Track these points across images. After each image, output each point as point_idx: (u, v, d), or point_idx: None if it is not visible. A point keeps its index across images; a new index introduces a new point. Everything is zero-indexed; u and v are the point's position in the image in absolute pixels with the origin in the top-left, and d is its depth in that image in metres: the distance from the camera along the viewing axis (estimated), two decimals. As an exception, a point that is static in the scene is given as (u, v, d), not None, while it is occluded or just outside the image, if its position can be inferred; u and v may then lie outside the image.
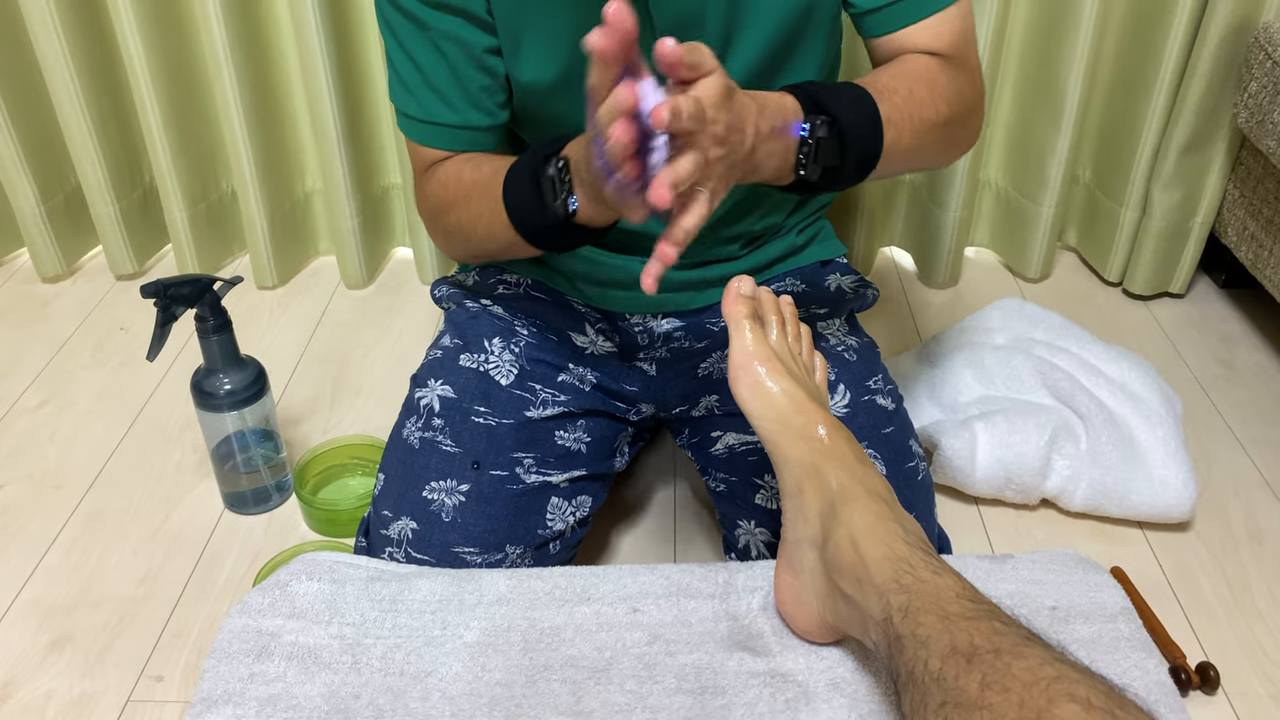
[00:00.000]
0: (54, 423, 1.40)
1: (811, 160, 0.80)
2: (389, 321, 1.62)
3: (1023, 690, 0.53)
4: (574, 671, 0.75)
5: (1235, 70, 1.42)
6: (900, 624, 0.62)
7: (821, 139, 0.79)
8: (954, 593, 0.62)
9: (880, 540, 0.68)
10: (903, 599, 0.63)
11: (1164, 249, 1.58)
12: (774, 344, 0.79)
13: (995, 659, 0.56)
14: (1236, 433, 1.35)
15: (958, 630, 0.59)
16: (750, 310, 0.79)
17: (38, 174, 1.62)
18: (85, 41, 1.52)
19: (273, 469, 1.24)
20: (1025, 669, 0.54)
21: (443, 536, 0.97)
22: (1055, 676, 0.54)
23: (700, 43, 0.69)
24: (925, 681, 0.58)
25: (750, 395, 0.76)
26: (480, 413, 1.01)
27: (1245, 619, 1.09)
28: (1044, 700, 0.52)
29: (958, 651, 0.57)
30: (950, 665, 0.57)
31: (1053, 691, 0.53)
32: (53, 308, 1.65)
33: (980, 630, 0.58)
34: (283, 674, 0.75)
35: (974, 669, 0.56)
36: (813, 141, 0.79)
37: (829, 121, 0.80)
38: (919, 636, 0.60)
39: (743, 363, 0.77)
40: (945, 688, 0.56)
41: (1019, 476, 1.19)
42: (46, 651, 1.07)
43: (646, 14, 0.89)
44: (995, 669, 0.55)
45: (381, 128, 1.64)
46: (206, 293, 1.10)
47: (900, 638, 0.61)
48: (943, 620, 0.60)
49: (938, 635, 0.59)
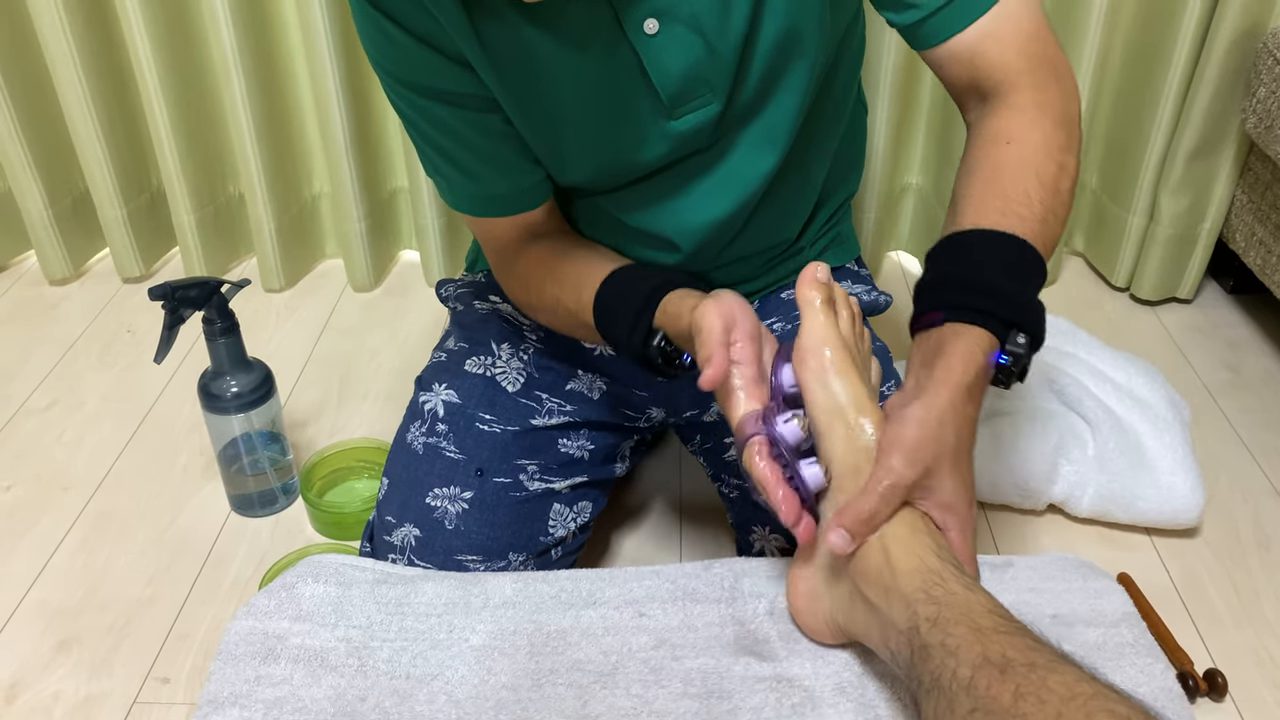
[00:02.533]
0: (61, 424, 1.40)
1: (1013, 379, 0.73)
2: (396, 324, 1.63)
3: (1059, 704, 0.53)
4: (580, 675, 0.75)
5: (1243, 76, 1.42)
6: (928, 634, 0.61)
7: (1020, 355, 0.72)
8: (986, 608, 0.61)
9: (913, 551, 0.66)
10: (932, 610, 0.62)
11: (1171, 255, 1.58)
12: (844, 333, 0.75)
13: (1030, 672, 0.55)
14: (1244, 439, 1.35)
15: (990, 642, 0.58)
16: (826, 295, 0.74)
17: (46, 177, 1.63)
18: (94, 45, 1.53)
19: (279, 471, 1.24)
20: (1061, 683, 0.54)
21: (445, 544, 0.97)
22: (1093, 694, 0.53)
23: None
24: (953, 689, 0.57)
25: (815, 382, 0.72)
26: (485, 419, 1.01)
27: (1253, 625, 1.09)
28: (1081, 715, 0.52)
29: (990, 662, 0.57)
30: (982, 675, 0.56)
31: (1090, 707, 0.52)
32: (60, 310, 1.66)
33: (1014, 645, 0.58)
34: (289, 676, 0.75)
35: (1008, 680, 0.55)
36: (1015, 369, 0.73)
37: (1030, 341, 0.72)
38: (948, 646, 0.59)
39: (813, 346, 0.72)
40: (975, 695, 0.56)
41: (1026, 482, 1.19)
42: (54, 653, 1.07)
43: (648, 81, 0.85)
44: (1030, 681, 0.54)
45: (388, 132, 1.64)
46: (214, 295, 1.10)
47: (927, 646, 0.61)
48: (974, 632, 0.59)
49: (968, 645, 0.58)
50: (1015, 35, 0.82)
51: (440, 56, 0.84)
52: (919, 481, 0.67)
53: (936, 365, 0.70)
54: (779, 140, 0.91)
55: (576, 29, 0.82)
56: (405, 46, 0.84)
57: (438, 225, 1.65)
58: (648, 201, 0.95)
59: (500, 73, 0.85)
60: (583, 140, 0.89)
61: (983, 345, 0.71)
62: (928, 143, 1.64)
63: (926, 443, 0.67)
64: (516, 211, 0.95)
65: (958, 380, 0.69)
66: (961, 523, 0.69)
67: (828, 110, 0.98)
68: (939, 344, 0.71)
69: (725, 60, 0.85)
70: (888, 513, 0.67)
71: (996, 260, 0.74)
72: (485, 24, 0.82)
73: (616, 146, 0.90)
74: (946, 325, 0.72)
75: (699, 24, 0.82)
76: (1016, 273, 0.74)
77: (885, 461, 0.67)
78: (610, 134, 0.89)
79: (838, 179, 1.08)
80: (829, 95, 0.97)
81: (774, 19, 0.84)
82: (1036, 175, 0.78)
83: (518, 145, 0.91)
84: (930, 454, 0.67)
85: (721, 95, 0.87)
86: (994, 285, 0.72)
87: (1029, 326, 0.72)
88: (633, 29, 0.82)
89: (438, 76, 0.86)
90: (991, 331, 0.71)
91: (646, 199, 0.95)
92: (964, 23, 0.83)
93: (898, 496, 0.67)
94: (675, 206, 0.95)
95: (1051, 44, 0.84)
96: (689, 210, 0.95)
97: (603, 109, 0.87)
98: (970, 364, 0.70)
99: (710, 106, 0.87)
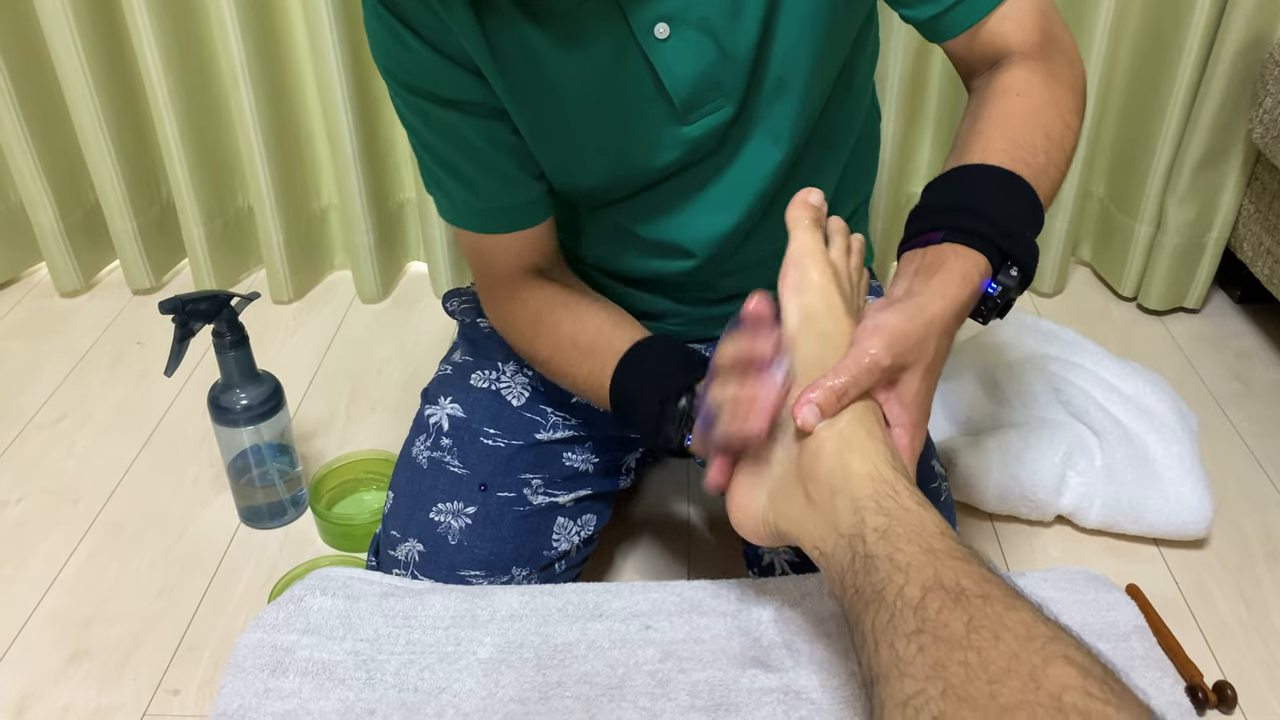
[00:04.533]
0: (72, 436, 1.41)
1: (993, 313, 0.74)
2: (404, 335, 1.63)
3: (1016, 643, 0.51)
4: (587, 688, 0.75)
5: (1250, 86, 1.42)
6: (875, 544, 0.59)
7: (1009, 288, 0.73)
8: (938, 529, 0.59)
9: (868, 457, 0.64)
10: (882, 520, 0.60)
11: (1179, 264, 1.58)
12: (834, 256, 0.74)
13: (985, 604, 0.53)
14: (1253, 449, 1.34)
15: (942, 566, 0.56)
16: (815, 216, 0.73)
17: (57, 190, 1.64)
18: (105, 59, 1.54)
19: (288, 483, 1.24)
20: (1019, 622, 0.52)
21: (449, 559, 0.97)
22: (1051, 636, 0.51)
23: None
24: (898, 605, 0.55)
25: (793, 288, 0.71)
26: (489, 434, 1.01)
27: (1262, 637, 1.09)
28: (1039, 658, 0.50)
29: (942, 587, 0.55)
30: (933, 598, 0.54)
31: (1049, 650, 0.50)
32: (71, 322, 1.67)
33: (968, 572, 0.55)
34: (298, 690, 0.75)
35: (960, 608, 0.53)
36: (1000, 300, 0.73)
37: (1021, 279, 0.73)
38: (896, 561, 0.57)
39: (794, 260, 0.72)
40: (924, 617, 0.54)
41: (1033, 493, 1.19)
42: (64, 665, 1.08)
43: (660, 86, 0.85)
44: (985, 614, 0.52)
45: (396, 144, 1.65)
46: (224, 309, 1.11)
47: (872, 557, 0.58)
48: (927, 553, 0.57)
49: (920, 566, 0.56)
50: (1030, 14, 0.84)
51: (450, 63, 0.84)
52: (891, 371, 0.67)
53: (935, 277, 0.70)
54: (786, 136, 0.91)
55: (586, 35, 0.82)
56: (416, 52, 0.84)
57: (445, 237, 1.65)
58: (658, 209, 0.95)
59: (510, 80, 0.85)
60: (594, 148, 0.89)
61: (979, 268, 0.71)
62: (934, 151, 1.64)
63: (910, 337, 0.67)
64: (515, 228, 0.93)
65: (954, 294, 0.69)
66: (913, 425, 0.69)
67: (842, 112, 0.98)
68: (936, 260, 0.71)
69: (738, 63, 0.85)
70: (857, 393, 0.66)
71: (1000, 194, 0.74)
72: (496, 31, 0.82)
73: (628, 153, 0.90)
74: (945, 244, 0.72)
75: (710, 27, 0.82)
76: (1018, 210, 0.74)
77: (864, 342, 0.67)
78: (621, 141, 0.89)
79: (852, 183, 1.07)
80: (843, 96, 0.97)
81: (787, 19, 0.84)
82: (1044, 129, 0.79)
83: (521, 157, 0.91)
84: (910, 349, 0.67)
85: (734, 99, 0.87)
86: (995, 215, 0.73)
87: (1022, 262, 0.73)
88: (643, 34, 0.82)
89: (446, 83, 0.86)
90: (988, 258, 0.72)
91: (657, 206, 0.95)
92: (984, 10, 0.84)
93: (871, 378, 0.66)
94: (687, 212, 0.95)
95: (1060, 23, 0.86)
96: (700, 215, 0.95)
97: (614, 116, 0.87)
98: (966, 284, 0.70)
99: (723, 110, 0.87)
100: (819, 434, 0.66)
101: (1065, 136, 0.80)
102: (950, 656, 0.51)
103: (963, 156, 0.78)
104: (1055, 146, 0.79)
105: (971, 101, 0.86)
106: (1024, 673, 0.49)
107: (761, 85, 0.87)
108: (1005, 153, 0.77)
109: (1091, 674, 0.49)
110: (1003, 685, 0.49)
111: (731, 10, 0.82)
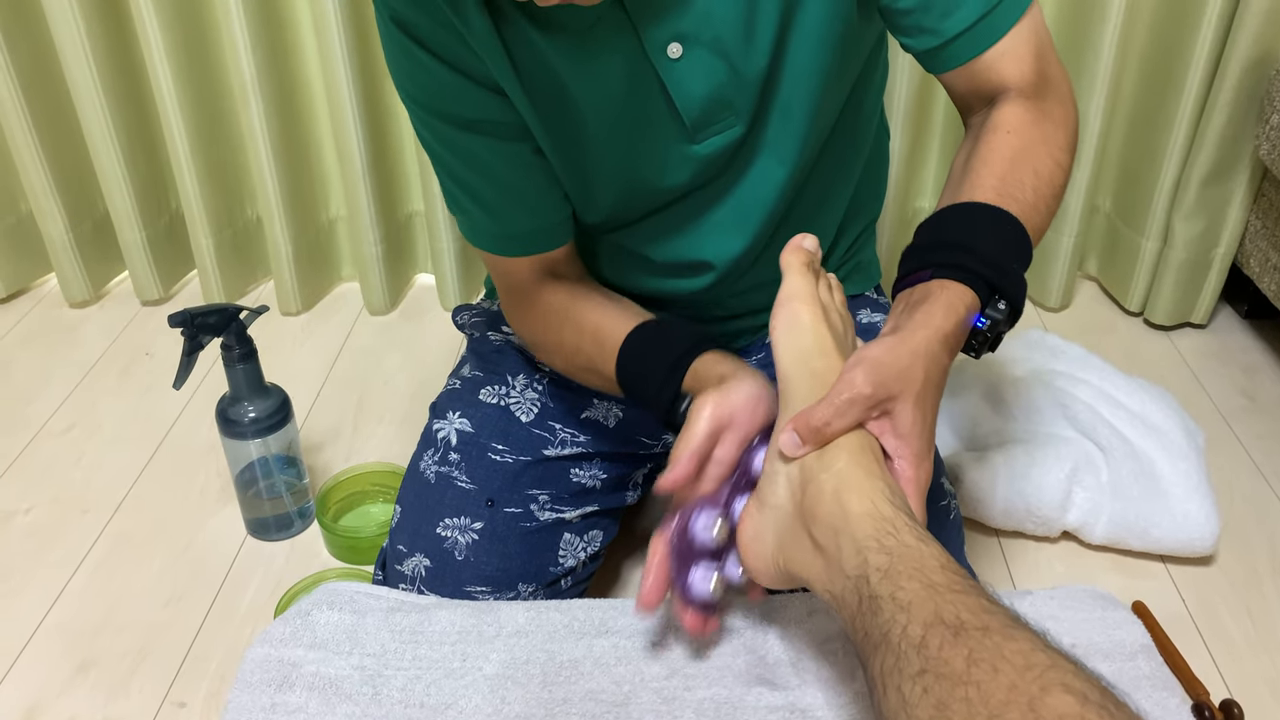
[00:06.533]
0: (80, 447, 1.42)
1: (984, 347, 0.75)
2: (411, 347, 1.64)
3: (1014, 674, 0.51)
4: (593, 705, 0.75)
5: (1257, 102, 1.42)
6: (878, 584, 0.59)
7: (998, 321, 0.74)
8: (939, 563, 0.59)
9: (866, 495, 0.65)
10: (883, 559, 0.60)
11: (1185, 279, 1.58)
12: (821, 296, 0.76)
13: (984, 636, 0.53)
14: (1260, 465, 1.34)
15: (943, 600, 0.56)
16: (807, 260, 0.76)
17: (67, 201, 1.65)
18: (115, 71, 1.55)
19: (295, 495, 1.25)
20: (1017, 652, 0.52)
21: (455, 575, 0.97)
22: (1049, 664, 0.51)
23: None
24: (902, 647, 0.55)
25: (784, 328, 0.73)
26: (497, 449, 1.01)
27: (1270, 654, 1.08)
28: (1036, 687, 0.50)
29: (943, 622, 0.55)
30: (934, 635, 0.54)
31: (1046, 679, 0.50)
32: (80, 333, 1.67)
33: (967, 605, 0.56)
34: (304, 705, 0.75)
35: (960, 643, 0.53)
36: (989, 334, 0.74)
37: (1009, 313, 0.74)
38: (899, 600, 0.57)
39: (786, 299, 0.74)
40: (927, 656, 0.54)
41: (1039, 509, 1.19)
42: (72, 675, 1.08)
43: (671, 105, 0.86)
44: (985, 647, 0.53)
45: (405, 156, 1.66)
46: (232, 322, 1.12)
47: (877, 598, 0.59)
48: (927, 589, 0.57)
49: (921, 603, 0.56)
50: (1029, 52, 0.84)
51: (471, 83, 0.85)
52: (878, 402, 0.67)
53: (918, 311, 0.71)
54: (793, 156, 0.91)
55: (599, 52, 0.83)
56: (437, 74, 0.84)
57: (453, 249, 1.66)
58: (669, 231, 0.96)
59: (530, 92, 0.85)
60: (607, 166, 0.90)
61: (965, 301, 0.72)
62: (940, 169, 1.64)
63: (892, 367, 0.68)
64: (537, 251, 0.95)
65: (937, 324, 0.70)
66: (914, 456, 0.69)
67: (851, 133, 0.98)
68: (923, 295, 0.73)
69: (749, 83, 0.85)
70: (840, 426, 0.67)
71: (987, 230, 0.75)
72: (515, 44, 0.83)
73: (639, 171, 0.90)
74: (933, 280, 0.73)
75: (723, 47, 0.83)
76: (1005, 246, 0.75)
77: (847, 376, 0.68)
78: (633, 159, 0.89)
79: (862, 202, 1.08)
80: (854, 117, 0.97)
81: (799, 40, 0.84)
82: (1033, 166, 0.80)
83: (544, 180, 0.91)
84: (893, 379, 0.68)
85: (745, 118, 0.87)
86: (982, 250, 0.74)
87: (1011, 296, 0.74)
88: (656, 53, 0.82)
89: (468, 104, 0.86)
90: (976, 292, 0.73)
91: (668, 229, 0.96)
92: (984, 46, 0.84)
93: (854, 412, 0.67)
94: (698, 233, 0.95)
95: (1056, 63, 0.87)
96: (712, 236, 0.95)
97: (626, 132, 0.87)
98: (951, 314, 0.71)
99: (733, 130, 0.88)
100: (818, 476, 0.67)
101: (1054, 174, 0.81)
102: (952, 694, 0.52)
103: (953, 196, 0.80)
104: (1044, 183, 0.80)
105: (966, 140, 0.87)
106: (1023, 704, 0.50)
107: (772, 106, 0.88)
108: (993, 190, 0.77)
109: (1090, 700, 0.49)
110: (1002, 719, 0.50)
111: (745, 32, 0.82)
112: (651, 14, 0.80)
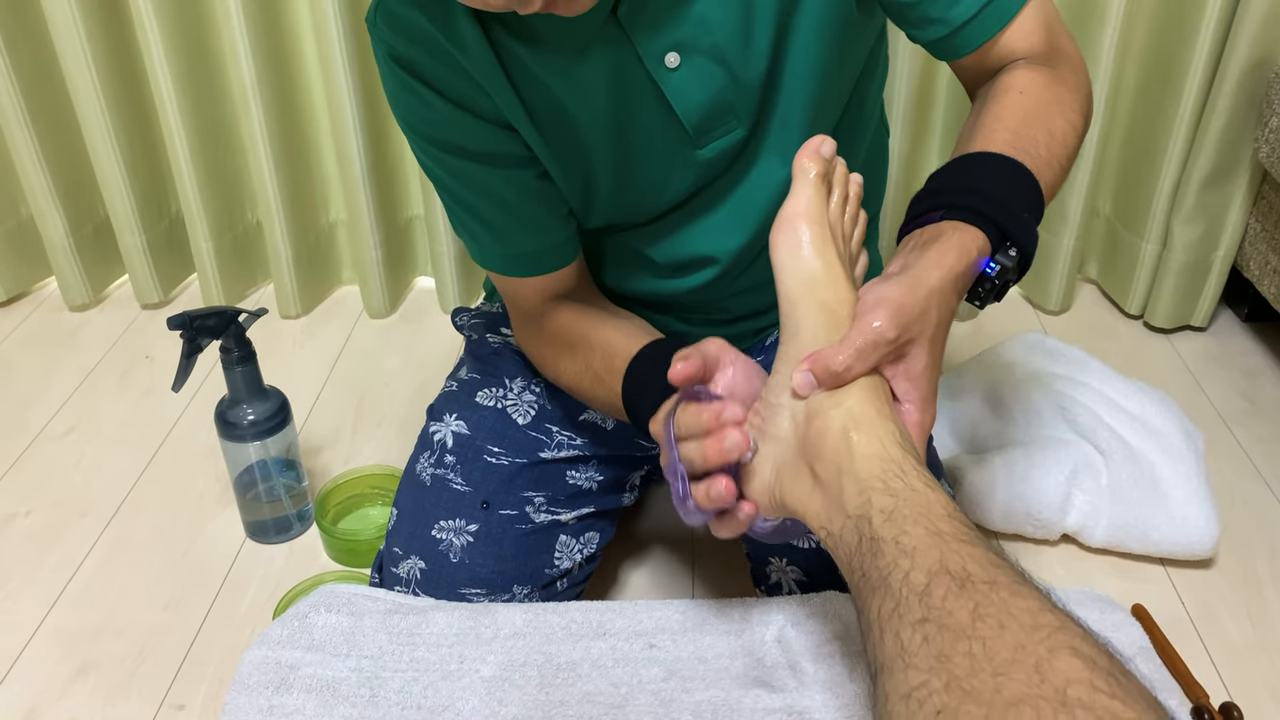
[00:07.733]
0: (80, 450, 1.42)
1: (990, 295, 0.73)
2: (411, 351, 1.64)
3: (1021, 632, 0.49)
4: (590, 707, 0.75)
5: (1256, 105, 1.42)
6: (881, 526, 0.58)
7: (1007, 268, 0.72)
8: (946, 511, 0.58)
9: (875, 436, 0.63)
10: (889, 502, 0.59)
11: (1185, 282, 1.58)
12: (831, 212, 0.73)
13: (991, 590, 0.52)
14: (1260, 468, 1.34)
15: (949, 550, 0.54)
16: (823, 170, 0.72)
17: (68, 205, 1.65)
18: (116, 76, 1.55)
19: (294, 498, 1.25)
20: (1025, 610, 0.50)
21: (450, 577, 0.97)
22: (1058, 625, 0.50)
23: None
24: (904, 592, 0.54)
25: (787, 249, 0.70)
26: (493, 452, 1.01)
27: (1269, 657, 1.08)
28: (1044, 649, 0.48)
29: (948, 572, 0.53)
30: (938, 584, 0.53)
31: (1055, 641, 0.49)
32: (79, 336, 1.67)
33: (974, 556, 0.54)
34: (302, 706, 0.75)
35: (966, 595, 0.52)
36: (998, 281, 0.72)
37: (1019, 260, 0.73)
38: (902, 545, 0.56)
39: (791, 216, 0.71)
40: (929, 605, 0.52)
41: (1039, 512, 1.19)
42: (70, 679, 1.08)
43: (671, 112, 0.86)
44: (991, 601, 0.51)
45: (405, 160, 1.66)
46: (231, 325, 1.12)
47: (879, 540, 0.57)
48: (933, 536, 0.56)
49: (926, 550, 0.55)
50: (1038, 27, 0.84)
51: (473, 117, 0.85)
52: (897, 345, 0.66)
53: (930, 249, 0.70)
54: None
55: (596, 65, 0.82)
56: (435, 107, 0.84)
57: (453, 252, 1.66)
58: (671, 231, 0.96)
59: (531, 112, 0.85)
60: (611, 177, 0.90)
61: (977, 243, 0.71)
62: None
63: (913, 308, 0.66)
64: (545, 271, 0.94)
65: (951, 264, 0.69)
66: (922, 400, 0.68)
67: (853, 130, 0.98)
68: (934, 235, 0.71)
69: (749, 88, 0.85)
70: (860, 370, 0.65)
71: (1001, 176, 0.74)
72: (513, 65, 0.83)
73: (643, 179, 0.90)
74: (944, 221, 0.72)
75: (721, 54, 0.83)
76: (1019, 194, 0.74)
77: (867, 317, 0.66)
78: (636, 168, 0.89)
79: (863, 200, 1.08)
80: (855, 115, 0.97)
81: (798, 43, 0.84)
82: (1046, 125, 0.79)
83: (550, 201, 0.92)
84: (914, 321, 0.66)
85: (746, 121, 0.87)
86: (995, 195, 0.72)
87: (1022, 244, 0.72)
88: (653, 64, 0.82)
89: (471, 137, 0.86)
90: (988, 236, 0.71)
91: (670, 229, 0.96)
92: (993, 31, 0.83)
93: (875, 355, 0.66)
94: (699, 233, 0.95)
95: (1067, 37, 0.86)
96: (713, 235, 0.95)
97: (628, 145, 0.87)
98: (964, 255, 0.70)
99: (735, 132, 0.88)
100: (826, 412, 0.65)
101: (1068, 134, 0.80)
102: (955, 647, 0.50)
103: (966, 148, 0.78)
104: (1057, 142, 0.79)
105: (975, 103, 0.86)
106: (1029, 664, 0.48)
107: (773, 107, 0.88)
108: (1007, 144, 0.76)
109: (1098, 666, 0.48)
110: (1007, 678, 0.48)
111: (743, 37, 0.82)
112: (646, 26, 0.80)
